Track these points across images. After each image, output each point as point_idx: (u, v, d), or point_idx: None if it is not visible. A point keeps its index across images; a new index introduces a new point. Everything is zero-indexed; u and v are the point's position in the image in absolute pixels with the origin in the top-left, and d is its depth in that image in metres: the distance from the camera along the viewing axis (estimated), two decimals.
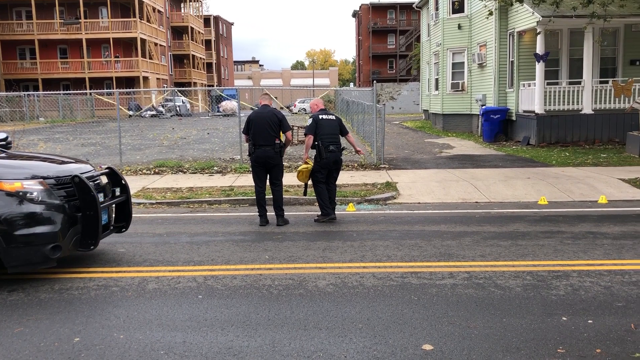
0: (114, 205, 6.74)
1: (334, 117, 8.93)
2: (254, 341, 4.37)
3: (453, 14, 23.94)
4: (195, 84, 60.57)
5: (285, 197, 9.87)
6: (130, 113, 36.22)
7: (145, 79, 47.04)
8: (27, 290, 5.62)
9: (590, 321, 4.62)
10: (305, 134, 8.73)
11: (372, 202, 10.29)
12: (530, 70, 18.48)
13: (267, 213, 8.58)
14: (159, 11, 53.00)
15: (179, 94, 43.13)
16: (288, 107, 47.17)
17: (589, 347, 4.15)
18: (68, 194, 5.91)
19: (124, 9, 47.51)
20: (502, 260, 6.38)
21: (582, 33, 17.23)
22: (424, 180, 12.14)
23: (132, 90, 21.07)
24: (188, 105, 45.81)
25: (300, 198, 10.31)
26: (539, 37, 16.99)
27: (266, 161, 8.44)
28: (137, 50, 46.33)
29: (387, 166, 14.11)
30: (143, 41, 47.29)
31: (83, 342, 4.41)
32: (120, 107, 18.41)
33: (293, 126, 20.60)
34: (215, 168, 13.93)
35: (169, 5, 58.95)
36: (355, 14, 76.24)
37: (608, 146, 16.98)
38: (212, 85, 65.83)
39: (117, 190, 6.76)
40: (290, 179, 11.98)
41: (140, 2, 47.15)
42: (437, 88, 25.97)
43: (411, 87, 49.04)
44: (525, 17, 17.97)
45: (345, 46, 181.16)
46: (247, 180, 12.01)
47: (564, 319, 4.69)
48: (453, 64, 24.34)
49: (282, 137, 8.62)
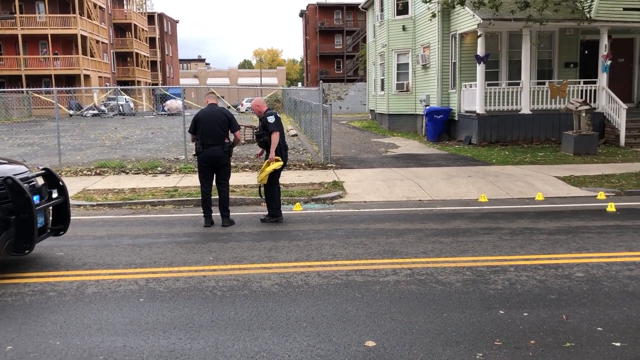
0: (51, 208, 6.50)
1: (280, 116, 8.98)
2: (196, 343, 4.31)
3: (398, 15, 24.33)
4: (139, 82, 59.11)
5: (231, 197, 9.79)
6: (71, 112, 34.99)
7: (87, 77, 45.56)
8: None
9: (525, 314, 4.80)
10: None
11: (319, 202, 10.34)
12: (471, 72, 19.02)
13: (213, 214, 8.48)
14: (100, 7, 51.42)
15: (122, 92, 41.99)
16: (235, 107, 46.72)
17: (524, 339, 4.31)
18: (0, 197, 5.66)
19: (62, 4, 45.84)
20: (443, 257, 6.54)
21: (520, 36, 17.88)
22: (370, 179, 12.30)
23: (72, 88, 20.29)
24: (132, 104, 44.68)
25: (246, 198, 10.25)
26: (479, 39, 17.49)
27: (215, 161, 8.35)
28: (77, 48, 44.78)
29: (334, 165, 14.21)
30: (84, 38, 45.78)
31: (16, 350, 4.24)
32: (60, 105, 17.78)
33: (240, 125, 20.49)
34: (159, 168, 13.65)
35: (111, 2, 57.31)
36: (302, 14, 76.32)
37: (545, 145, 17.67)
38: (157, 84, 64.46)
39: (55, 192, 6.53)
40: (237, 179, 11.90)
41: None
42: (382, 88, 26.34)
43: (358, 87, 49.54)
44: (466, 20, 18.47)
45: (293, 46, 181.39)
46: (192, 181, 11.85)
47: (501, 312, 4.85)
48: (398, 65, 24.75)
49: (231, 137, 8.57)
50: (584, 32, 19.07)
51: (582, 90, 18.24)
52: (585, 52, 19.68)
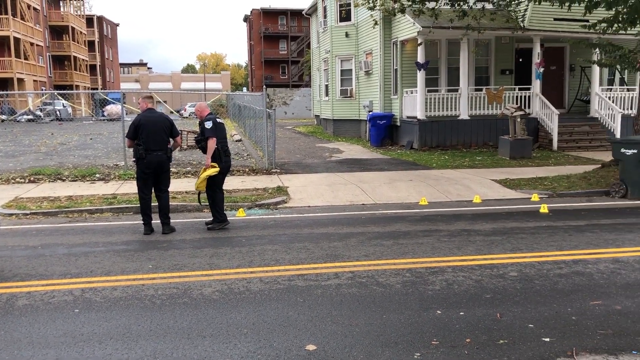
0: None
1: (222, 121, 8.91)
2: (134, 353, 4.21)
3: (341, 22, 24.61)
4: (77, 86, 57.21)
5: (172, 204, 9.63)
6: (4, 117, 33.50)
7: (21, 80, 43.70)
8: None
9: (462, 313, 4.94)
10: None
11: (263, 207, 10.31)
12: (412, 78, 19.45)
13: (153, 221, 8.31)
14: (34, 9, 49.47)
15: (59, 97, 40.52)
16: (178, 111, 45.99)
17: (460, 338, 4.44)
18: None
19: None
20: (384, 259, 6.65)
21: (459, 44, 18.44)
22: (315, 184, 12.36)
23: (4, 92, 19.40)
24: (69, 110, 43.14)
25: (188, 205, 10.10)
26: (419, 46, 17.92)
27: (158, 167, 8.20)
28: (10, 50, 42.91)
29: (278, 171, 14.20)
30: (17, 40, 43.94)
31: None
32: None
33: (182, 130, 20.15)
34: (98, 175, 13.25)
35: (47, 3, 55.25)
36: (246, 19, 75.99)
37: (483, 149, 18.26)
38: (96, 88, 62.48)
39: None
40: (179, 185, 11.71)
41: None
42: (327, 94, 26.55)
43: (303, 93, 49.73)
44: (407, 27, 18.89)
45: (237, 50, 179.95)
46: (132, 187, 11.53)
47: (439, 312, 4.98)
48: (342, 71, 25.02)
49: (171, 142, 8.47)
50: (518, 40, 19.86)
51: (517, 97, 18.97)
52: (520, 60, 20.50)
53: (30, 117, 37.43)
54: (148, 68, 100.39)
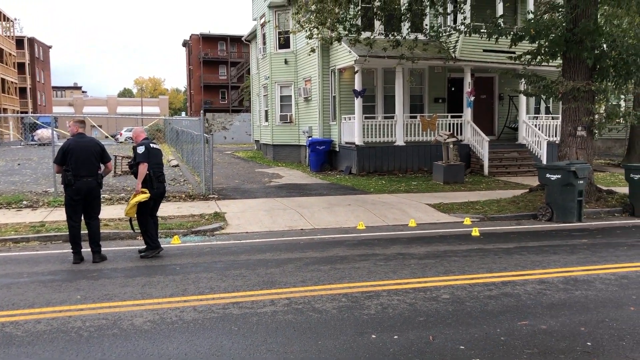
0: None
1: (158, 147, 8.77)
2: None
3: (280, 49, 24.86)
4: (5, 110, 54.76)
5: (105, 231, 9.33)
6: None
7: None
8: None
9: (396, 337, 5.00)
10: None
11: (199, 234, 10.13)
12: (350, 105, 19.83)
13: (83, 250, 8.00)
14: None
15: None
16: (114, 136, 44.81)
17: None
18: None
19: None
20: (321, 285, 6.66)
21: (394, 72, 18.99)
22: (253, 210, 12.28)
23: None
24: None
25: (121, 232, 9.79)
26: (356, 74, 18.34)
27: (88, 193, 7.95)
28: None
29: (216, 196, 14.02)
30: None
31: None
32: None
33: (117, 156, 19.63)
34: (25, 202, 12.65)
35: None
36: (185, 44, 75.42)
37: (418, 174, 18.74)
38: (27, 112, 60.08)
39: None
40: (112, 211, 11.35)
41: None
42: (267, 119, 26.60)
43: (243, 118, 49.60)
44: (344, 56, 19.30)
45: (176, 75, 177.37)
46: (61, 215, 11.04)
47: (374, 336, 5.02)
48: (281, 97, 25.18)
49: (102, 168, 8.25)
50: (450, 70, 20.67)
51: (450, 124, 19.66)
52: (452, 89, 21.32)
53: None
54: (83, 92, 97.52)
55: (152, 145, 8.50)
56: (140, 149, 8.21)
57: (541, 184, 12.32)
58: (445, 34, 17.15)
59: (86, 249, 8.03)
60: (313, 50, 16.12)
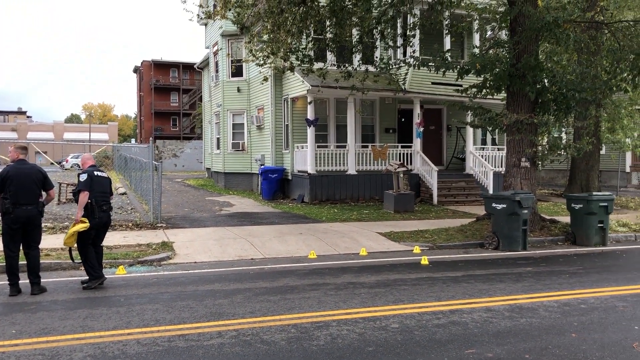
0: None
1: (106, 175, 8.55)
2: None
3: (233, 77, 24.88)
4: None
5: (46, 261, 8.98)
6: None
7: None
8: None
9: None
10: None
11: (146, 264, 9.85)
12: (303, 134, 19.94)
13: (21, 281, 7.63)
14: None
15: None
16: (59, 163, 43.46)
17: None
18: None
19: None
20: (270, 315, 6.56)
21: (346, 102, 19.27)
22: (202, 239, 12.06)
23: None
24: None
25: (63, 262, 9.41)
26: (309, 104, 18.51)
27: (28, 222, 7.65)
28: None
29: (164, 225, 13.72)
30: None
31: None
32: None
33: (61, 183, 19.01)
34: None
35: None
36: (136, 70, 74.52)
37: (370, 203, 18.92)
38: None
39: None
40: (54, 241, 10.93)
41: None
42: (218, 147, 26.41)
43: (195, 145, 49.07)
44: (297, 85, 19.48)
45: (126, 101, 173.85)
46: None
47: None
48: (233, 125, 25.10)
49: (44, 196, 7.98)
50: (400, 101, 21.13)
51: (400, 154, 20.02)
52: (402, 120, 21.78)
53: None
54: (27, 116, 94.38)
55: (97, 173, 8.28)
56: (83, 177, 8.00)
57: (487, 213, 12.63)
58: (395, 66, 17.57)
59: (25, 281, 7.66)
60: (266, 79, 16.19)
